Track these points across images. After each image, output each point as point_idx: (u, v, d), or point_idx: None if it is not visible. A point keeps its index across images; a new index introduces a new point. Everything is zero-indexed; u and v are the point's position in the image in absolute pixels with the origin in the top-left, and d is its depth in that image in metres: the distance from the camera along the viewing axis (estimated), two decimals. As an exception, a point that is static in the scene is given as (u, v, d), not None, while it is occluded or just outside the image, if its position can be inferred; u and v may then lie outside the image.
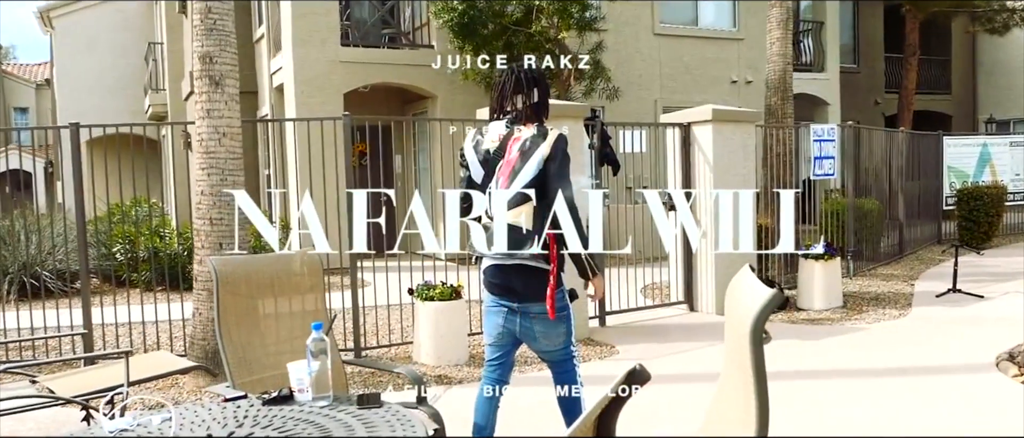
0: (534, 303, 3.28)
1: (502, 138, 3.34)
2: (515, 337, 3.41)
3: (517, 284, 3.28)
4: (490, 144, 3.36)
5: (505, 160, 3.30)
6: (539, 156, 3.25)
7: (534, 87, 3.40)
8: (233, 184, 5.54)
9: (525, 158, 3.25)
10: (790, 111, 9.49)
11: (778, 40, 9.33)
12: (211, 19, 5.44)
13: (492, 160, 3.33)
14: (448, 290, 6.02)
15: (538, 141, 3.28)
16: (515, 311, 3.34)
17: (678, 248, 8.01)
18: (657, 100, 13.94)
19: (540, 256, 3.24)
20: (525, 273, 3.26)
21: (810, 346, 6.36)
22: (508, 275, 3.29)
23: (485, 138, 3.38)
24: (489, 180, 3.35)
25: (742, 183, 7.84)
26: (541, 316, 3.29)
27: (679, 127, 7.88)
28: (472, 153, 3.39)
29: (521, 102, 3.37)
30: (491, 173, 3.34)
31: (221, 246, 5.46)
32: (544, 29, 10.47)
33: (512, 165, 3.27)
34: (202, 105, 5.49)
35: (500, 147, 3.33)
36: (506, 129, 3.35)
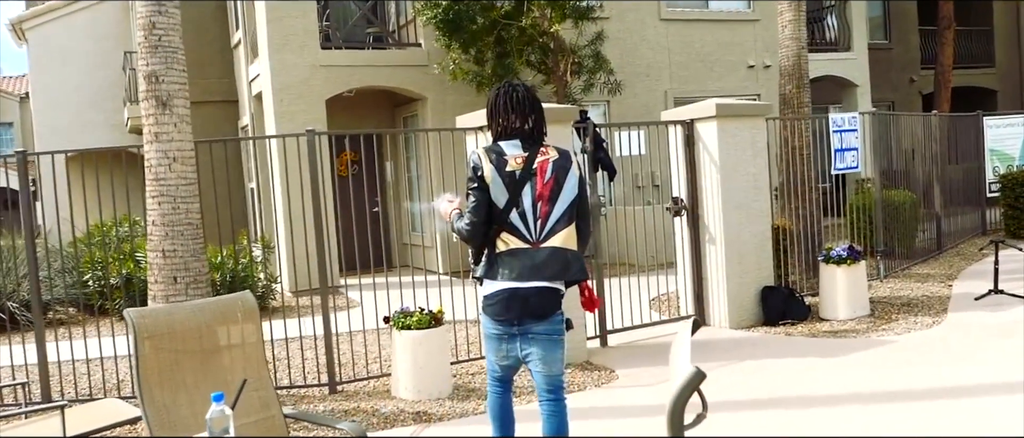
0: (535, 323, 3.40)
1: (525, 159, 3.43)
2: (518, 359, 3.55)
3: (529, 306, 3.37)
4: (515, 166, 3.42)
5: (540, 181, 3.41)
6: (573, 176, 3.47)
7: (534, 111, 3.52)
8: (186, 212, 5.41)
9: (563, 178, 3.44)
10: (807, 99, 9.22)
11: (790, 22, 9.07)
12: (156, 35, 5.32)
13: (519, 183, 3.40)
14: (426, 317, 5.85)
15: (568, 162, 3.48)
16: (515, 334, 3.45)
17: (686, 256, 7.80)
18: (668, 91, 13.71)
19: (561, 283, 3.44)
20: (542, 294, 3.38)
21: (828, 364, 6.12)
22: (525, 300, 3.37)
23: (508, 159, 3.43)
24: (512, 205, 3.40)
25: (752, 183, 7.62)
26: (539, 337, 3.43)
27: (681, 125, 7.67)
28: (496, 175, 3.41)
29: (532, 122, 3.49)
30: (516, 197, 3.40)
31: (175, 280, 5.35)
32: (536, 21, 10.27)
33: (551, 186, 3.41)
34: (149, 128, 5.37)
35: (527, 168, 3.42)
36: (525, 150, 3.45)
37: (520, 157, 3.42)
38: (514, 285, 3.37)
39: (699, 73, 14.03)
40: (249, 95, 12.65)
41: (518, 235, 3.40)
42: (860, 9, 16.31)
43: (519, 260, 3.38)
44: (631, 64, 13.32)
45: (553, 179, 3.41)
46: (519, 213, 3.40)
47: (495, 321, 3.49)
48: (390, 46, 12.48)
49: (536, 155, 3.44)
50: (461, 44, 10.70)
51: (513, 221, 3.40)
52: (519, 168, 3.41)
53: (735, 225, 7.52)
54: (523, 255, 3.38)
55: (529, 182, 3.41)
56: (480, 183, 3.42)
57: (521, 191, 3.39)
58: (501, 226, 3.42)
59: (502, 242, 3.42)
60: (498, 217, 3.42)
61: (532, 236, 3.40)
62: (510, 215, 3.40)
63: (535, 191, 3.41)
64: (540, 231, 3.40)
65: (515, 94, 3.49)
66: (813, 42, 16.38)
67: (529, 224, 3.41)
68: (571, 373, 6.30)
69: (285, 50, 10.99)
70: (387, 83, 11.91)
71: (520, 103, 3.47)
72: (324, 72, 11.28)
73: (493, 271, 3.43)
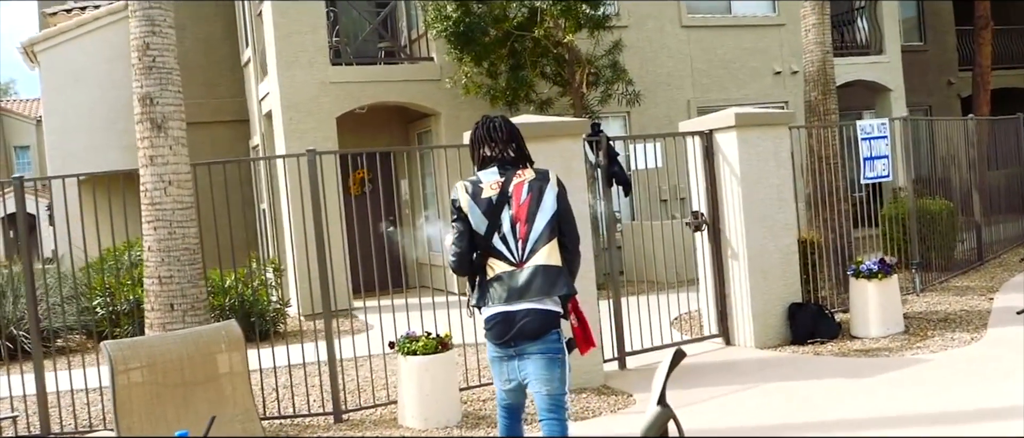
0: (529, 342, 3.56)
1: (502, 184, 3.62)
2: (520, 383, 3.70)
3: (525, 326, 3.53)
4: (491, 192, 3.62)
5: (516, 203, 3.60)
6: (552, 193, 3.63)
7: (513, 140, 3.73)
8: (183, 237, 5.40)
9: (539, 197, 3.61)
10: (834, 106, 9.08)
11: (814, 26, 8.95)
12: (150, 56, 5.33)
13: (495, 208, 3.60)
14: (433, 342, 5.78)
15: (544, 180, 3.65)
16: (512, 356, 3.61)
17: (708, 272, 7.66)
18: (690, 100, 13.58)
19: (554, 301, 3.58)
20: (536, 315, 3.53)
21: (858, 386, 5.95)
22: (518, 322, 3.53)
23: (483, 187, 3.64)
24: (493, 230, 3.60)
25: (776, 195, 7.48)
26: (533, 356, 3.57)
27: (700, 136, 7.55)
28: (471, 202, 3.63)
29: (511, 151, 3.71)
30: (495, 222, 3.60)
31: (172, 307, 5.33)
32: (549, 32, 10.22)
33: (528, 206, 3.59)
34: (144, 151, 5.37)
35: (503, 193, 3.61)
36: (501, 176, 3.65)
37: (496, 183, 3.63)
38: (505, 308, 3.54)
39: (723, 81, 13.88)
40: (259, 114, 12.73)
41: (503, 258, 3.58)
42: (892, 10, 16.08)
43: (506, 283, 3.56)
44: (651, 73, 13.21)
45: (529, 199, 3.59)
46: (500, 237, 3.59)
47: (495, 345, 3.65)
48: (402, 61, 12.50)
49: (512, 178, 3.63)
50: (473, 57, 10.67)
51: (496, 245, 3.59)
52: (495, 193, 3.61)
53: (759, 239, 7.37)
54: (509, 277, 3.56)
55: (506, 205, 3.60)
56: (458, 214, 3.65)
57: (499, 215, 3.59)
58: (487, 252, 3.61)
59: (490, 268, 3.61)
60: (481, 243, 3.61)
61: (516, 257, 3.58)
62: (492, 240, 3.59)
63: (512, 213, 3.60)
64: (522, 251, 3.58)
65: (492, 125, 3.73)
66: (843, 46, 16.16)
67: (511, 246, 3.58)
68: (586, 398, 6.19)
69: (294, 67, 11.03)
70: (399, 99, 11.91)
71: (497, 131, 3.70)
72: (334, 89, 11.31)
73: (485, 297, 3.61)
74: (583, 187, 6.58)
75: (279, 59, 10.98)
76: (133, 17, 5.25)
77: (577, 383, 6.37)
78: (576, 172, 6.52)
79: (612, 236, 7.20)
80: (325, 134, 11.16)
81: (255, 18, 12.19)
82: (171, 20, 5.37)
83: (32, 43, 17.58)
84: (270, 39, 11.18)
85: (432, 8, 10.55)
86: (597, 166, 7.06)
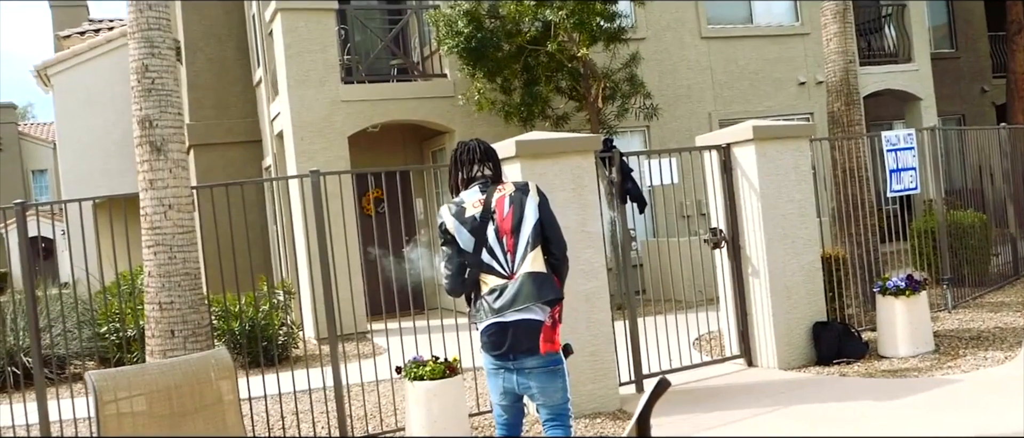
0: (528, 357, 3.71)
1: (483, 201, 3.81)
2: (517, 394, 3.86)
3: (517, 340, 3.68)
4: (474, 210, 3.80)
5: (500, 217, 3.78)
6: (532, 202, 3.81)
7: (488, 160, 3.96)
8: (184, 262, 5.41)
9: (521, 208, 3.79)
10: (858, 117, 8.97)
11: (835, 35, 8.86)
12: (149, 78, 5.36)
13: (480, 225, 3.78)
14: (440, 367, 5.73)
15: (524, 192, 3.84)
16: (511, 369, 3.75)
17: (728, 291, 7.56)
18: (711, 113, 13.50)
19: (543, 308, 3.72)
20: (527, 327, 3.68)
21: (885, 409, 5.82)
22: (510, 333, 3.69)
23: (466, 207, 3.82)
24: (480, 247, 3.78)
25: (798, 211, 7.38)
26: (535, 370, 3.73)
27: (717, 150, 7.48)
28: (457, 223, 3.81)
29: (488, 169, 3.94)
30: (482, 239, 3.78)
31: (173, 333, 5.33)
32: (563, 46, 10.20)
33: (511, 218, 3.77)
34: (144, 175, 5.39)
35: (486, 209, 3.80)
36: (482, 193, 3.85)
37: (478, 201, 3.82)
38: (498, 319, 3.70)
39: (745, 92, 13.79)
40: (271, 134, 12.81)
41: (494, 273, 3.75)
42: (920, 17, 15.92)
43: (498, 295, 3.72)
44: (671, 86, 13.16)
45: (511, 211, 3.78)
46: (488, 252, 3.76)
47: (491, 356, 3.80)
48: (415, 78, 12.54)
49: (493, 194, 3.83)
50: (486, 73, 10.68)
51: (486, 261, 3.76)
52: (478, 211, 3.80)
53: (780, 256, 7.27)
54: (501, 290, 3.72)
55: (490, 221, 3.79)
56: (446, 236, 3.84)
57: (485, 232, 3.77)
58: (478, 269, 3.78)
59: (484, 284, 3.78)
60: (472, 261, 3.78)
61: (506, 270, 3.75)
62: (482, 256, 3.77)
63: (498, 227, 3.78)
64: (512, 262, 3.75)
65: (466, 147, 3.98)
66: (870, 54, 16.02)
67: (500, 259, 3.76)
68: (601, 423, 6.11)
69: (304, 86, 11.09)
70: (412, 117, 11.93)
71: (473, 152, 3.95)
72: (345, 108, 11.35)
73: (480, 312, 3.78)
74: (595, 205, 6.53)
75: (289, 78, 11.05)
76: (132, 39, 5.30)
77: (591, 408, 6.30)
78: (588, 189, 6.47)
79: (627, 254, 7.13)
80: (337, 154, 11.20)
81: (266, 37, 12.29)
82: (170, 42, 5.41)
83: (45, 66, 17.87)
84: (280, 58, 11.25)
85: (443, 24, 10.58)
86: (610, 182, 7.00)
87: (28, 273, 6.06)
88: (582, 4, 9.72)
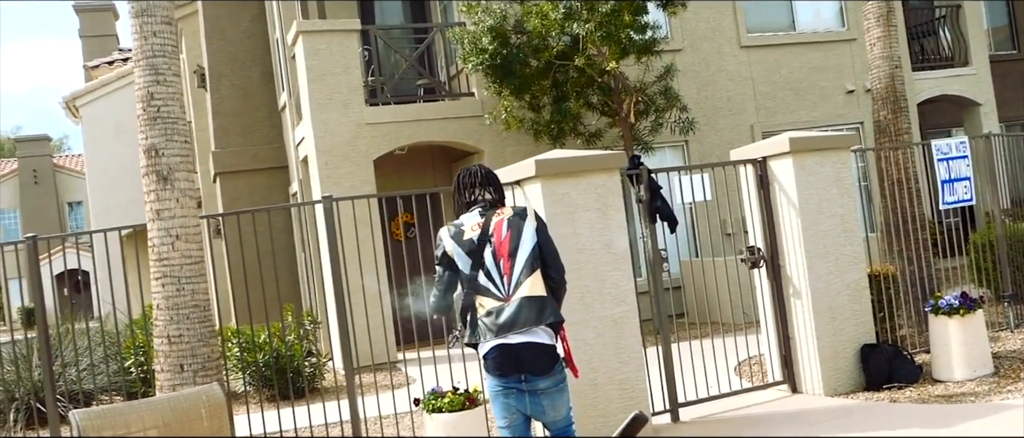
0: (540, 379, 3.92)
1: (482, 224, 4.04)
2: (525, 415, 4.02)
3: (527, 362, 3.89)
4: (472, 233, 4.04)
5: (498, 240, 4.00)
6: (530, 227, 4.04)
7: (490, 184, 4.19)
8: (192, 293, 5.45)
9: (519, 232, 4.01)
10: (906, 125, 8.76)
11: (879, 39, 8.68)
12: (154, 106, 5.44)
13: (478, 248, 4.00)
14: (460, 398, 5.68)
15: (522, 217, 4.07)
16: (523, 390, 3.93)
17: (768, 312, 7.40)
18: (754, 125, 13.32)
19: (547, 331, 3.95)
20: (534, 350, 3.90)
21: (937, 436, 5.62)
22: (518, 354, 3.89)
23: (465, 230, 4.06)
24: (477, 269, 4.00)
25: (841, 226, 7.21)
26: (547, 391, 3.94)
27: (752, 164, 7.35)
28: (456, 246, 4.04)
29: (489, 193, 4.17)
30: (478, 261, 4.00)
31: (182, 368, 5.36)
32: (592, 60, 10.16)
33: (508, 242, 3.99)
34: (151, 205, 5.46)
35: (484, 232, 4.02)
36: (481, 217, 4.07)
37: (477, 224, 4.04)
38: (502, 341, 3.89)
39: (789, 102, 13.59)
40: (297, 160, 12.95)
41: (490, 294, 3.95)
42: (977, 18, 15.58)
43: (495, 317, 3.91)
44: (710, 98, 13.02)
45: (509, 235, 4.00)
46: (485, 273, 3.97)
47: (498, 378, 3.96)
48: (442, 98, 12.59)
49: (491, 218, 4.04)
50: (513, 90, 10.67)
51: (482, 283, 3.96)
52: (476, 234, 4.02)
53: (823, 275, 7.10)
54: (498, 312, 3.91)
55: (488, 243, 4.00)
56: (442, 259, 4.08)
57: (482, 254, 3.98)
58: (473, 291, 3.98)
59: (479, 306, 3.96)
60: (467, 283, 3.99)
61: (503, 292, 3.95)
62: (478, 278, 3.97)
63: (495, 250, 3.99)
64: (508, 285, 3.95)
65: (468, 172, 4.23)
66: (924, 59, 15.72)
67: (496, 281, 3.96)
68: (631, 456, 5.98)
69: (328, 109, 11.19)
70: (440, 138, 11.97)
71: (474, 176, 4.19)
72: (370, 130, 11.42)
73: (477, 332, 3.96)
74: (622, 225, 6.45)
75: (312, 101, 11.17)
76: (137, 66, 5.38)
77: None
78: (613, 208, 6.40)
79: (659, 276, 7.02)
80: (363, 178, 11.25)
81: (289, 61, 12.46)
82: (176, 68, 5.49)
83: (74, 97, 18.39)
84: (303, 81, 11.38)
85: (467, 41, 10.61)
86: (639, 201, 6.91)
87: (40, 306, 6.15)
88: (610, 16, 9.68)
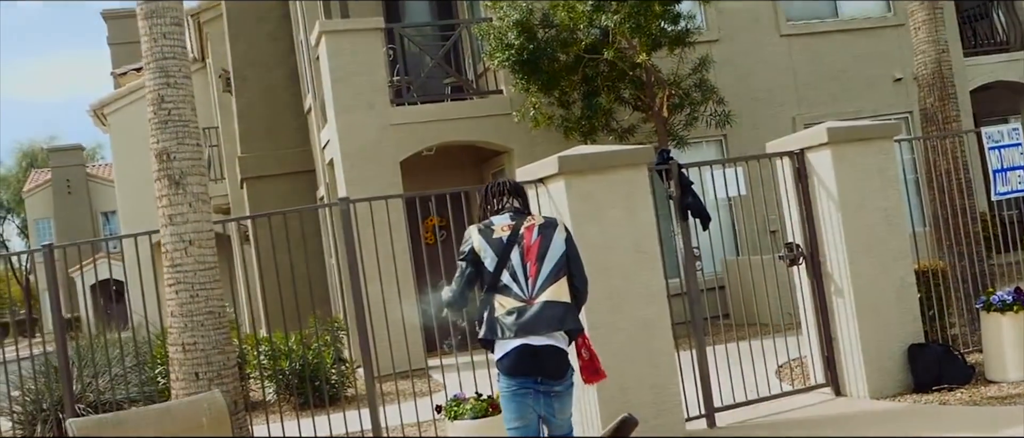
0: (557, 382, 4.14)
1: (512, 227, 4.25)
2: (539, 416, 4.19)
3: (549, 365, 4.08)
4: (502, 233, 4.24)
5: (527, 243, 4.21)
6: (560, 236, 4.28)
7: (517, 195, 4.46)
8: (206, 300, 5.47)
9: (548, 239, 4.23)
10: (955, 112, 8.54)
11: (924, 23, 8.49)
12: (165, 109, 5.47)
13: (506, 247, 4.20)
14: (483, 404, 5.64)
15: (552, 227, 4.30)
16: (540, 391, 4.10)
17: (809, 311, 7.25)
18: (796, 117, 13.09)
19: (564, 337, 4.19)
20: (556, 354, 4.11)
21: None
22: (540, 357, 4.07)
23: (495, 229, 4.27)
24: (502, 267, 4.18)
25: (883, 219, 7.04)
26: (560, 394, 4.17)
27: (788, 156, 7.21)
28: (484, 243, 4.23)
29: (517, 202, 4.42)
30: (504, 259, 4.19)
31: (197, 376, 5.38)
32: (621, 54, 10.05)
33: (537, 247, 4.20)
34: (163, 210, 5.49)
35: (514, 234, 4.23)
36: (512, 220, 4.29)
37: (507, 225, 4.26)
38: (521, 341, 4.04)
39: (832, 92, 13.34)
40: (323, 163, 13.02)
41: (511, 294, 4.11)
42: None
43: (516, 317, 4.06)
44: (749, 90, 12.83)
45: (539, 240, 4.21)
46: (510, 273, 4.14)
47: (513, 378, 4.11)
48: (470, 96, 12.56)
49: (522, 223, 4.27)
50: (541, 86, 10.61)
51: (505, 282, 4.13)
52: (506, 234, 4.22)
53: (866, 272, 6.93)
54: (520, 312, 4.07)
55: (517, 244, 4.21)
56: (469, 255, 4.25)
57: (509, 253, 4.16)
58: (494, 290, 4.14)
59: (499, 305, 4.13)
60: (490, 280, 4.16)
61: (525, 293, 4.12)
62: (501, 276, 4.14)
63: (523, 251, 4.19)
64: (532, 288, 4.12)
65: (496, 183, 4.50)
66: (977, 44, 15.37)
67: (520, 282, 4.13)
68: (664, 463, 5.89)
69: (353, 110, 11.21)
70: (468, 137, 11.94)
71: (502, 186, 4.46)
72: (396, 131, 11.42)
73: (494, 330, 4.11)
74: (650, 223, 6.35)
75: (336, 103, 11.20)
76: (147, 69, 5.42)
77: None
78: (641, 206, 6.31)
79: (692, 275, 6.91)
80: (389, 180, 11.25)
81: (313, 62, 12.53)
82: (187, 70, 5.52)
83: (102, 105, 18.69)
84: (327, 83, 11.43)
85: (493, 36, 10.57)
86: (669, 198, 6.81)
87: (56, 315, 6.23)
88: (640, 7, 9.57)
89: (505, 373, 4.11)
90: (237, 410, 5.44)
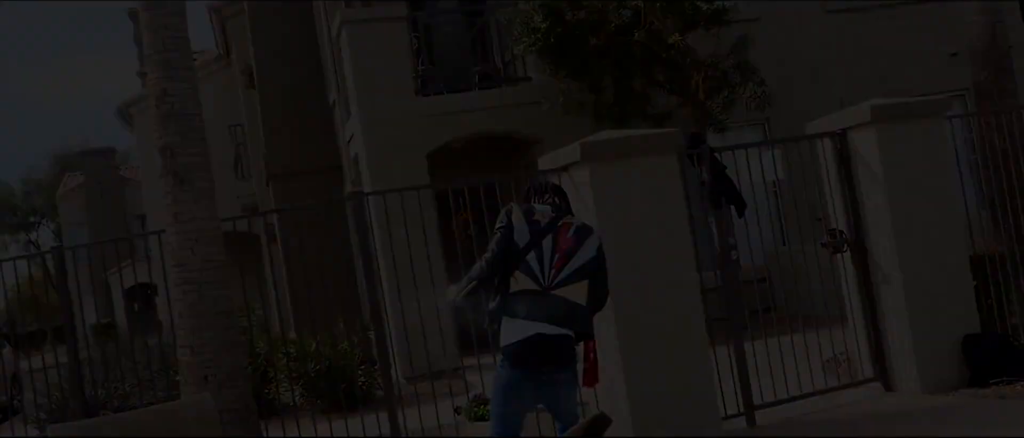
0: (562, 371, 4.32)
1: (552, 218, 4.46)
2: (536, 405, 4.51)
3: (559, 353, 4.27)
4: (541, 218, 4.46)
5: (561, 238, 4.40)
6: (592, 244, 4.46)
7: (558, 194, 4.68)
8: (214, 300, 5.43)
9: (579, 243, 4.42)
10: (1011, 86, 8.24)
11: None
12: (168, 103, 5.44)
13: (541, 231, 4.39)
14: (505, 406, 5.52)
15: (589, 232, 4.51)
16: (543, 381, 4.28)
17: (855, 302, 7.05)
18: (843, 97, 12.76)
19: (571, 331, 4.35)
20: (565, 342, 4.30)
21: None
22: (549, 346, 4.22)
23: (536, 215, 4.47)
24: (530, 248, 4.33)
25: (935, 204, 6.80)
26: (565, 382, 4.36)
27: (830, 137, 7.00)
28: (524, 222, 4.41)
29: (556, 200, 4.61)
30: (536, 241, 4.36)
31: (206, 379, 5.34)
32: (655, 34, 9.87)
33: (567, 247, 4.38)
34: (169, 208, 5.47)
35: (551, 224, 4.43)
36: (553, 213, 4.49)
37: (549, 215, 4.46)
38: (541, 329, 4.18)
39: (881, 69, 12.98)
40: (348, 159, 13.00)
41: (531, 276, 4.26)
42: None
43: (530, 302, 4.22)
44: (792, 70, 12.53)
45: (573, 240, 4.39)
46: (536, 255, 4.29)
47: (516, 369, 4.23)
48: (499, 84, 12.44)
49: (560, 217, 4.48)
50: (570, 71, 10.46)
51: (529, 262, 4.28)
52: (544, 221, 4.41)
53: (916, 259, 6.71)
54: (534, 296, 4.23)
55: (551, 234, 4.37)
56: (504, 231, 4.37)
57: (542, 240, 4.33)
58: (517, 266, 4.28)
59: (515, 281, 4.26)
60: (516, 256, 4.30)
61: (544, 280, 4.26)
62: (528, 256, 4.29)
63: (555, 243, 4.35)
64: (552, 278, 4.27)
65: (538, 182, 4.84)
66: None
67: (544, 268, 4.27)
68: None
69: (377, 102, 11.15)
70: (495, 127, 11.82)
71: (544, 186, 4.75)
72: (422, 123, 11.34)
73: (506, 309, 4.25)
74: (681, 211, 6.20)
75: (359, 95, 11.16)
76: (148, 62, 5.39)
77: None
78: (670, 193, 6.15)
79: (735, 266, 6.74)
80: (416, 174, 11.15)
81: (336, 54, 12.51)
82: (191, 63, 5.48)
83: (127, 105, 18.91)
84: (350, 74, 11.40)
85: (519, 21, 10.45)
86: (702, 184, 6.65)
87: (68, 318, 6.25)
88: (672, -16, 9.40)
89: (510, 361, 4.23)
90: (249, 413, 5.40)
